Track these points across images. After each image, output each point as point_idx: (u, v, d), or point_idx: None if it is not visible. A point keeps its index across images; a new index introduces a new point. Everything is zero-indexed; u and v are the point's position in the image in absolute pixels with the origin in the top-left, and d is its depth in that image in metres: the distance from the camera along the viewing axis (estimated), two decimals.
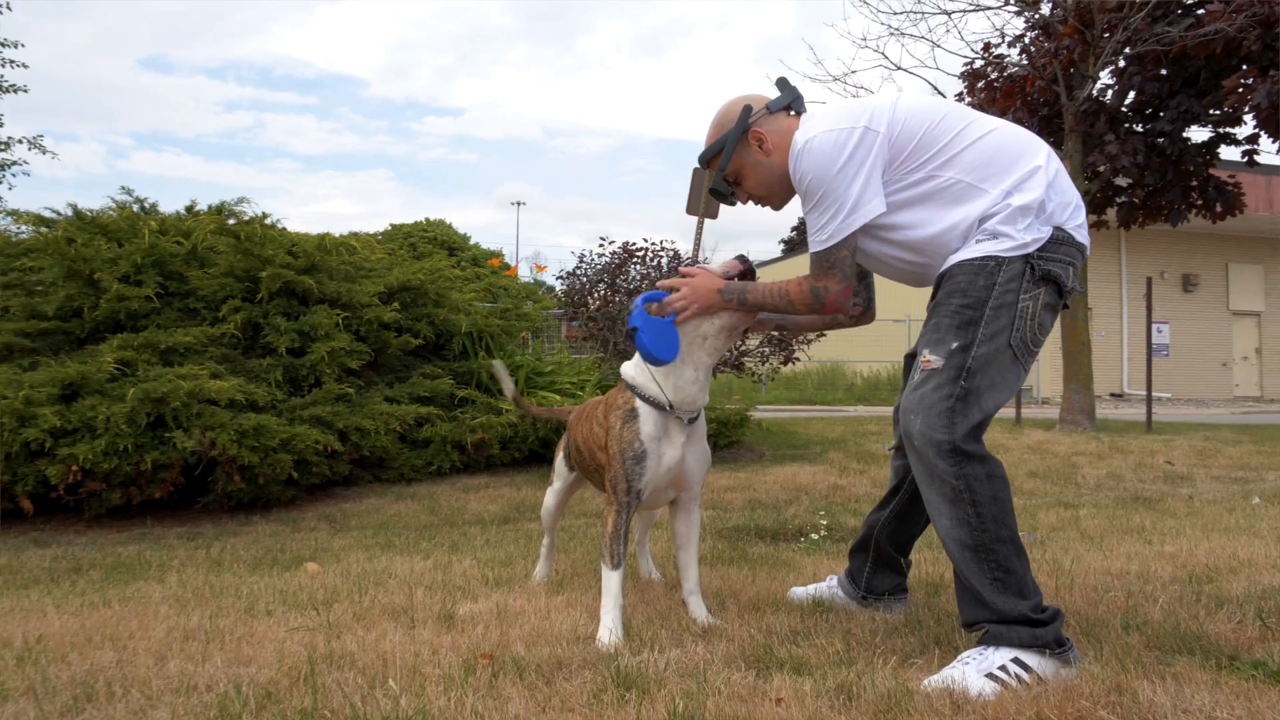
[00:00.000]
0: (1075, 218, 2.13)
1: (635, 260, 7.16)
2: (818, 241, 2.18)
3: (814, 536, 4.07)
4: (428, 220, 39.16)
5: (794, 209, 2.57)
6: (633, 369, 2.48)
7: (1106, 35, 8.41)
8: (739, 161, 2.34)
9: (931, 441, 2.00)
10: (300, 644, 2.23)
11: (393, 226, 37.99)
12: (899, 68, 9.27)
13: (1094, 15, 8.44)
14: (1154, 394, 9.57)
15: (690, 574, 2.56)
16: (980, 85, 10.28)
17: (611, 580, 2.39)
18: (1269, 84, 7.29)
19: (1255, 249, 22.34)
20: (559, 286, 7.75)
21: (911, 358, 2.50)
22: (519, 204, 62.23)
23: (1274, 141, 8.28)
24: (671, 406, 2.41)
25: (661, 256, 7.03)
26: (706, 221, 10.32)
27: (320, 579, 3.15)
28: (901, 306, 20.78)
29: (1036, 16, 9.63)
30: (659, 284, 2.43)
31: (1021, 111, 9.72)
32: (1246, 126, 8.67)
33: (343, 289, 5.84)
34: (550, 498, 3.09)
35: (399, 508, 5.09)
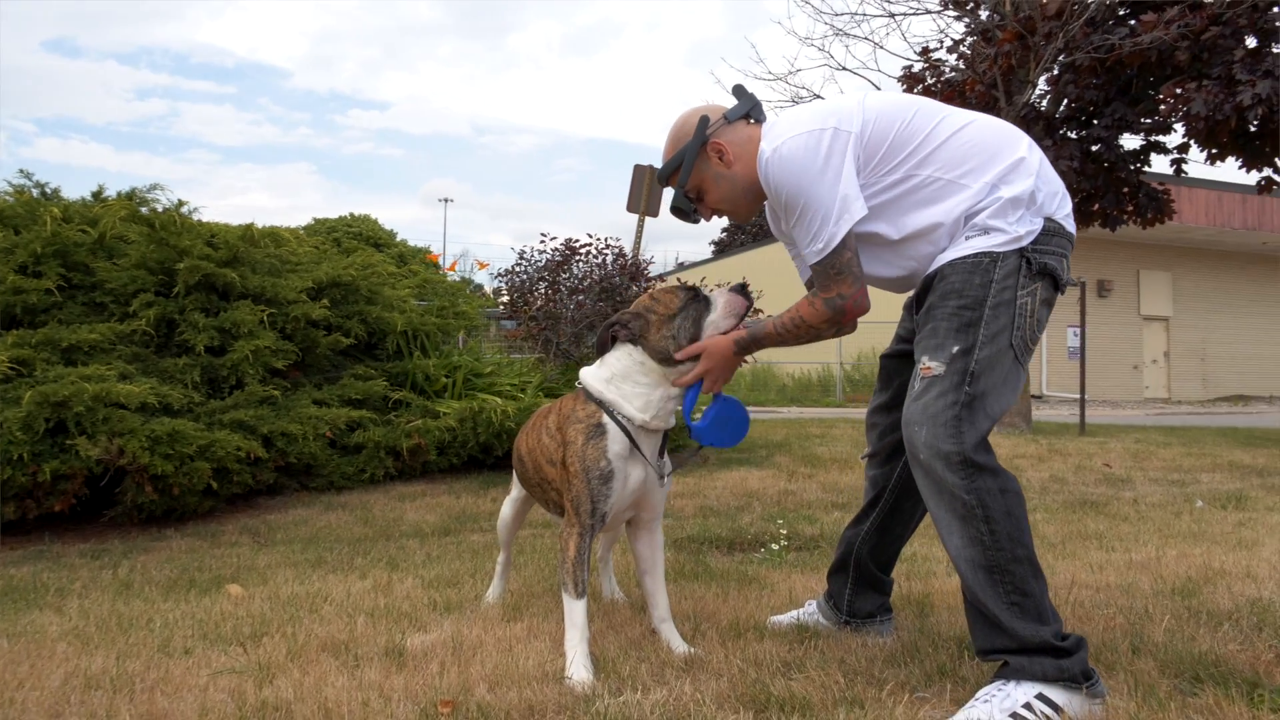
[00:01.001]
0: (1064, 207, 2.01)
1: (578, 258, 6.91)
2: (814, 253, 2.02)
3: (774, 547, 3.89)
4: (352, 215, 38.09)
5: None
6: (599, 380, 2.24)
7: (1045, 42, 8.51)
8: (699, 176, 2.18)
9: (939, 453, 1.84)
10: (226, 691, 1.94)
11: (316, 221, 36.85)
12: (843, 68, 9.24)
13: (1034, 22, 8.52)
14: (1068, 395, 9.72)
15: (659, 600, 2.34)
16: (918, 89, 10.34)
17: (575, 611, 2.15)
18: (1204, 94, 7.44)
19: (1165, 257, 23.23)
20: (498, 285, 7.46)
21: (890, 358, 2.34)
22: (446, 201, 60.88)
23: (1202, 151, 8.49)
24: (641, 425, 2.20)
25: (606, 254, 6.80)
26: (645, 220, 10.12)
27: (245, 605, 2.82)
28: None
29: (976, 21, 9.72)
30: (679, 381, 2.23)
31: None
32: (1176, 135, 8.90)
33: (267, 283, 5.44)
34: (507, 508, 2.83)
35: (329, 519, 4.75)
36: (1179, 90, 7.53)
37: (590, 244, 6.93)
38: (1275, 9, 8.28)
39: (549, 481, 2.34)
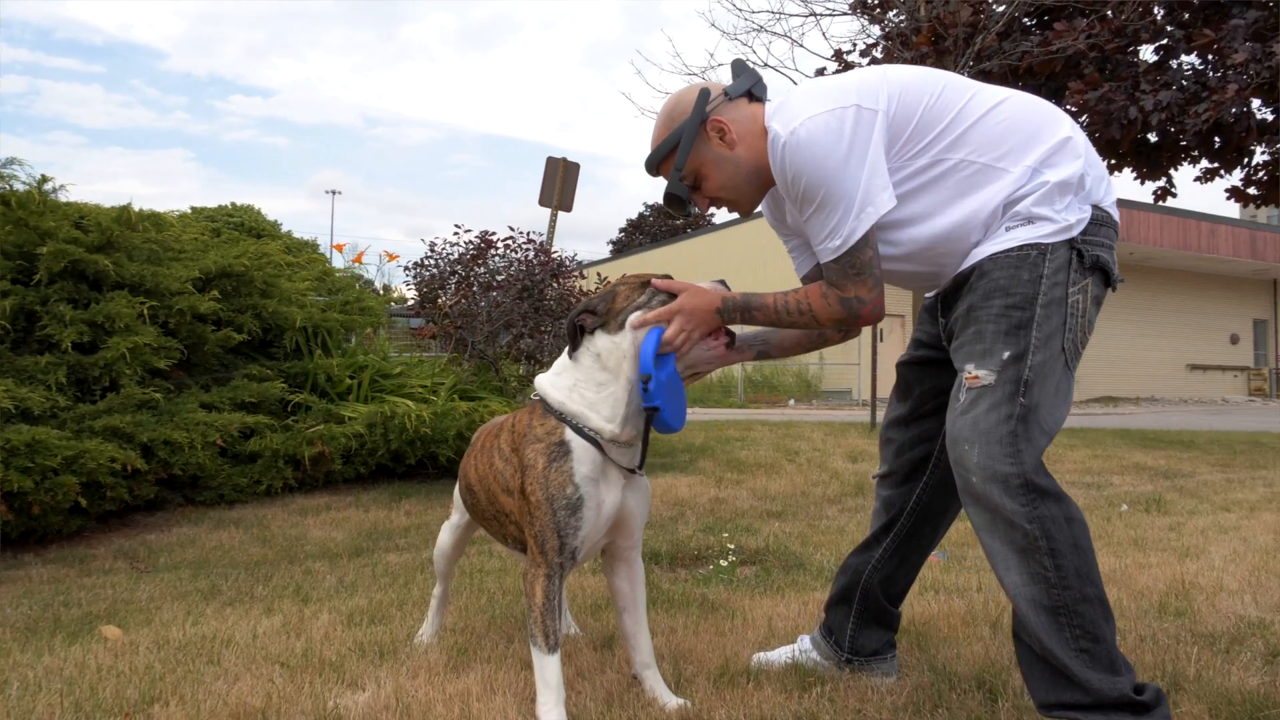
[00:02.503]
0: (1110, 193, 1.80)
1: (494, 252, 6.49)
2: (831, 249, 1.75)
3: (723, 563, 3.62)
4: (234, 205, 36.06)
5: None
6: (559, 390, 1.90)
7: (959, 48, 8.58)
8: (698, 159, 1.87)
9: (996, 476, 1.59)
10: None
11: (194, 210, 34.71)
12: (765, 65, 9.10)
13: (947, 28, 8.58)
14: None
15: (642, 644, 2.02)
16: None
17: (548, 668, 1.81)
18: (1107, 94, 7.59)
19: None
20: (406, 280, 6.95)
21: (908, 366, 2.09)
22: (334, 193, 58.61)
23: (1104, 161, 8.72)
24: (612, 438, 1.87)
25: (528, 250, 6.40)
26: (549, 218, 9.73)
27: (127, 656, 2.35)
28: None
29: (892, 25, 9.75)
30: (646, 316, 1.87)
31: None
32: None
33: (148, 273, 4.82)
34: (446, 535, 2.45)
35: (221, 538, 4.21)
36: (1084, 97, 7.67)
37: (512, 235, 6.52)
38: (1172, 27, 8.59)
39: (506, 514, 1.98)
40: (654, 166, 1.92)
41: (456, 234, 6.69)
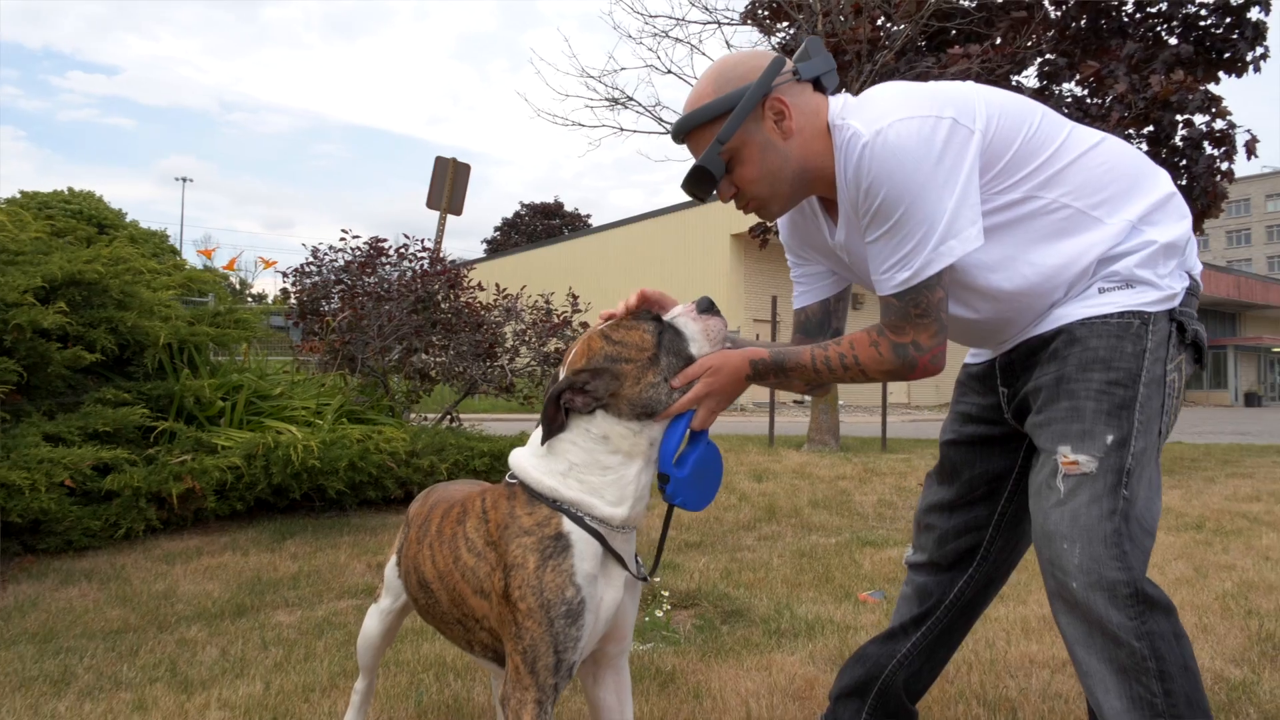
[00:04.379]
0: (1198, 259, 1.61)
1: (385, 259, 5.98)
2: (895, 282, 1.48)
3: (658, 614, 3.35)
4: (71, 191, 33.11)
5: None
6: (552, 474, 1.56)
7: (856, 63, 8.63)
8: (744, 137, 1.55)
9: (1102, 584, 1.39)
10: None
11: (24, 194, 31.65)
12: (669, 71, 8.88)
13: (847, 44, 8.61)
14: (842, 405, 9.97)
15: None
16: None
17: None
18: None
19: None
20: (284, 288, 6.35)
21: (955, 446, 1.85)
22: (185, 180, 54.17)
23: None
24: (622, 524, 1.56)
25: (422, 259, 5.92)
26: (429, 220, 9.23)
27: None
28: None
29: (785, 38, 9.74)
30: (671, 410, 1.57)
31: None
32: None
33: None
34: (374, 622, 2.05)
35: (70, 596, 3.60)
36: None
37: (406, 245, 6.03)
38: (1051, 54, 8.92)
39: (476, 619, 1.62)
40: (685, 133, 1.59)
41: (343, 239, 6.15)
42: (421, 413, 6.69)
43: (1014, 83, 8.71)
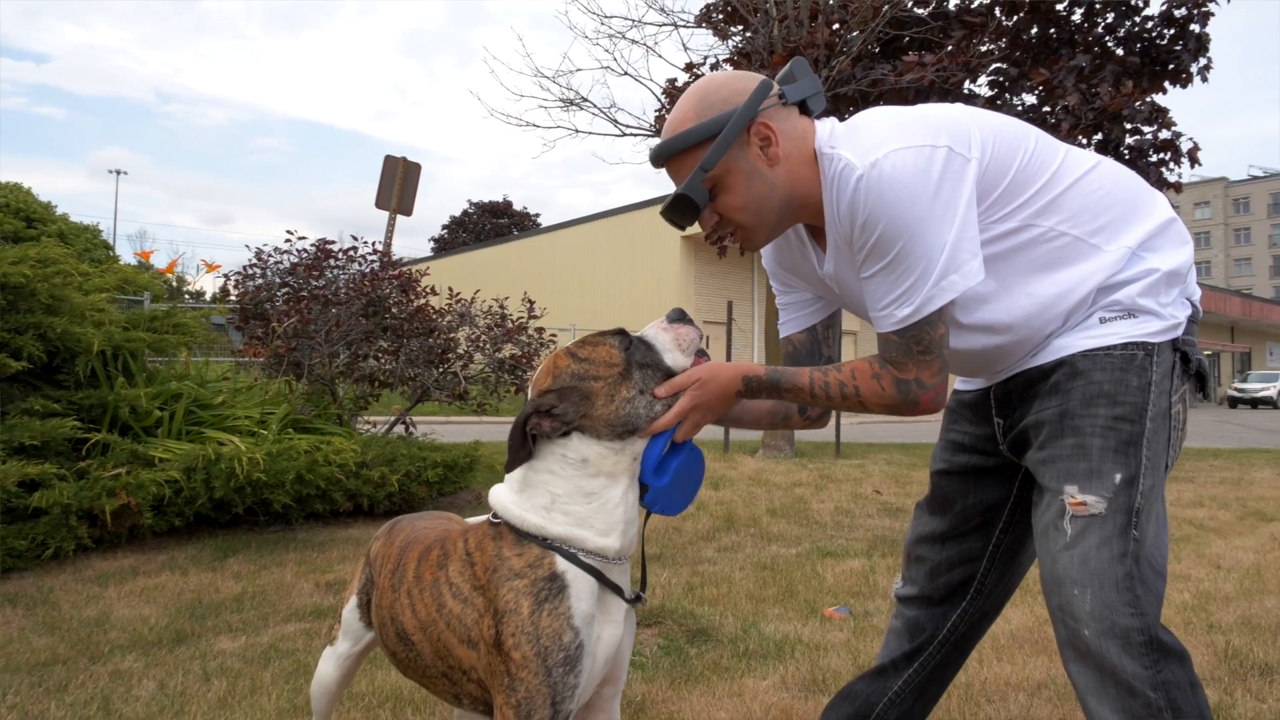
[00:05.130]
0: (1197, 284, 1.56)
1: (333, 262, 5.76)
2: (895, 319, 1.40)
3: None
4: None
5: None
6: (534, 511, 1.45)
7: (813, 70, 8.63)
8: (729, 164, 1.47)
9: (1115, 630, 1.33)
10: None
11: None
12: (625, 73, 8.77)
13: (800, 49, 8.61)
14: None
15: None
16: None
17: None
18: None
19: None
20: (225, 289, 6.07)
21: (946, 476, 1.77)
22: (119, 173, 52.06)
23: None
24: (618, 554, 1.46)
25: (373, 261, 5.72)
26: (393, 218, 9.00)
27: None
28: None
29: (740, 42, 9.71)
30: (655, 426, 1.47)
31: None
32: None
33: None
34: (330, 667, 1.91)
35: None
36: None
37: (355, 246, 5.81)
38: (1003, 63, 9.03)
39: (463, 670, 1.50)
40: (666, 157, 1.50)
41: (289, 241, 5.92)
42: (370, 417, 6.48)
43: (966, 91, 8.80)
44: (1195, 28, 8.93)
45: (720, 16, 10.50)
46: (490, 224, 46.92)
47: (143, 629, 3.34)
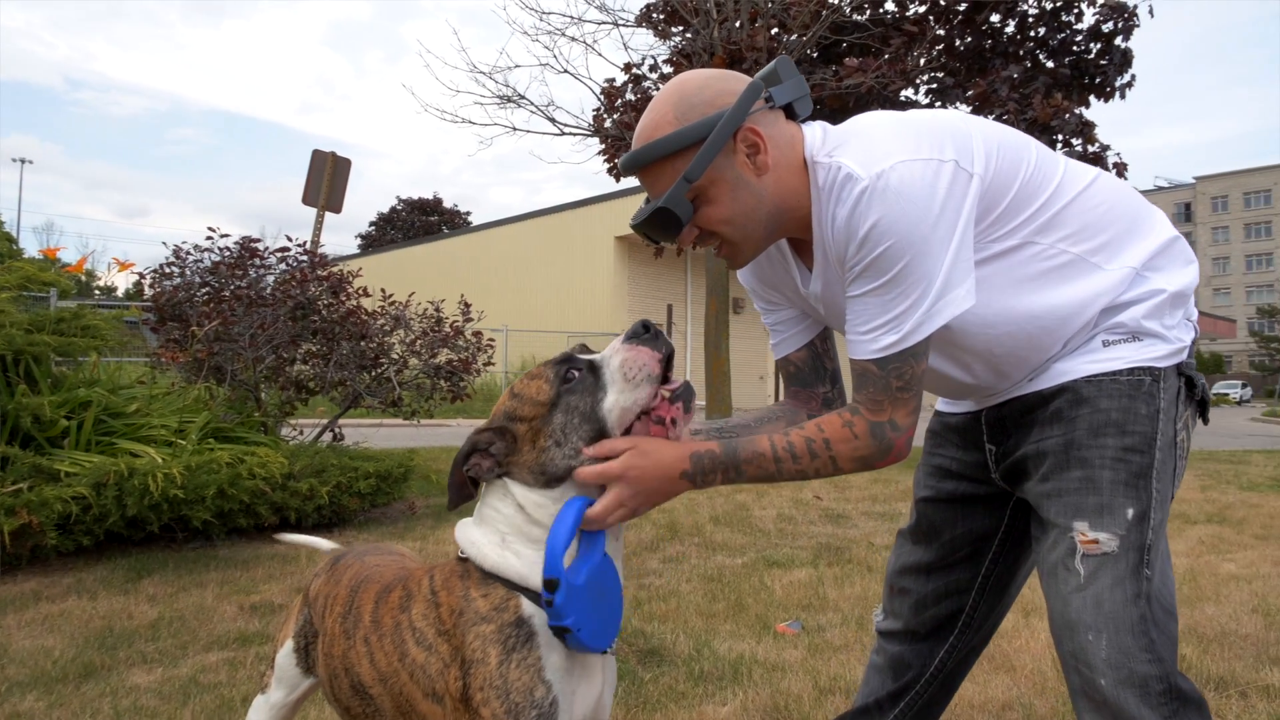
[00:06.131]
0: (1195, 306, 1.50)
1: (260, 264, 5.46)
2: (880, 346, 1.29)
3: None
4: None
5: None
6: (491, 545, 1.30)
7: (752, 71, 8.61)
8: (714, 174, 1.33)
9: (1134, 679, 1.25)
10: None
11: None
12: (565, 70, 8.60)
13: (742, 51, 8.58)
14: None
15: None
16: (619, 103, 10.07)
17: None
18: None
19: None
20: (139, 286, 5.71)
21: (931, 504, 1.66)
22: (24, 161, 49.50)
23: None
24: None
25: (302, 261, 5.43)
26: (323, 216, 8.68)
27: None
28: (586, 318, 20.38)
29: (680, 42, 9.65)
30: (582, 473, 1.29)
31: None
32: None
33: None
34: (260, 717, 1.72)
35: None
36: None
37: (287, 246, 5.52)
38: (939, 72, 9.15)
39: None
40: (641, 165, 1.35)
41: (210, 238, 5.59)
42: (296, 420, 6.17)
43: (904, 99, 8.89)
44: (1120, 41, 9.21)
45: (661, 16, 10.43)
46: (420, 221, 46.09)
47: (45, 662, 3.05)
